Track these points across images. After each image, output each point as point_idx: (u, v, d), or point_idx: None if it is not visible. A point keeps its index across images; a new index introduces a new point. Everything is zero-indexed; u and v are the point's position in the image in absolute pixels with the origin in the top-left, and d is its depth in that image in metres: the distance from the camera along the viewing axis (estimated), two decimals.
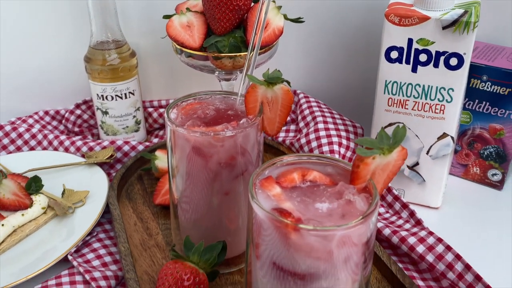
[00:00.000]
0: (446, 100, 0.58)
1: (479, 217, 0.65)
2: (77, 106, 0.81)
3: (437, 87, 0.58)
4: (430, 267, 0.53)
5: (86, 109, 0.81)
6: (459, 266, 0.51)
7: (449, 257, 0.52)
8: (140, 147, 0.73)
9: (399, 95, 0.60)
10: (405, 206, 0.62)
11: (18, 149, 0.76)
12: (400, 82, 0.59)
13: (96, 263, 0.55)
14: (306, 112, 0.73)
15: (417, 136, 0.62)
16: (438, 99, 0.58)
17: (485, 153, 0.69)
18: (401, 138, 0.36)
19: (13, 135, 0.76)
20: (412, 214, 0.61)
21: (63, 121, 0.80)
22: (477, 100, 0.66)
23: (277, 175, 0.38)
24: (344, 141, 0.68)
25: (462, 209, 0.66)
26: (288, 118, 0.78)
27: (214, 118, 0.48)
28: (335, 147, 0.66)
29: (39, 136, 0.76)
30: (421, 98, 0.59)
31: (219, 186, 0.48)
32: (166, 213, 0.62)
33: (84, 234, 0.57)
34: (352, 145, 0.69)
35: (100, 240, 0.59)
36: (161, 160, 0.67)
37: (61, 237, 0.59)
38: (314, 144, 0.67)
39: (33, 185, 0.63)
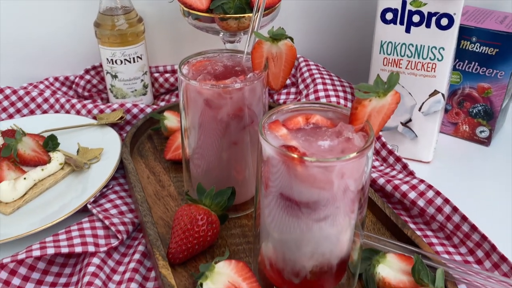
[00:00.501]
0: (437, 59, 0.62)
1: (468, 171, 0.70)
2: (86, 71, 0.84)
3: (429, 47, 0.62)
4: (421, 212, 0.58)
5: (95, 74, 0.85)
6: (447, 209, 0.56)
7: (439, 201, 0.57)
8: (148, 110, 0.77)
9: (393, 55, 0.64)
10: (398, 159, 0.67)
11: (32, 112, 0.80)
12: (395, 42, 0.63)
13: (113, 211, 0.60)
14: (306, 75, 0.77)
15: (410, 94, 0.66)
16: (430, 58, 0.63)
17: (474, 111, 0.73)
18: (394, 83, 0.40)
19: (27, 99, 0.79)
20: (405, 166, 0.66)
21: (73, 86, 0.84)
22: (466, 61, 0.70)
23: (283, 120, 0.42)
24: (342, 101, 0.72)
25: (452, 164, 0.71)
26: (288, 81, 0.82)
27: (223, 73, 0.52)
28: (333, 100, 0.70)
29: (51, 100, 0.79)
30: (414, 57, 0.63)
31: (228, 136, 0.52)
32: (176, 168, 0.66)
33: (101, 185, 0.61)
34: (349, 104, 0.73)
35: (116, 192, 0.64)
36: (169, 120, 0.72)
37: (79, 190, 0.63)
38: (312, 97, 0.72)
39: (50, 143, 0.67)
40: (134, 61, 0.76)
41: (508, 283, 0.46)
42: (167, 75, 0.84)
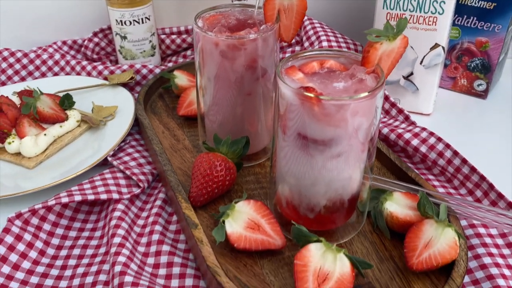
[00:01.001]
0: (438, 12, 0.65)
1: (466, 123, 0.73)
2: (95, 34, 0.86)
3: (430, 0, 0.64)
4: (423, 158, 0.62)
5: (103, 37, 0.87)
6: (448, 153, 0.60)
7: (440, 146, 0.60)
8: (157, 70, 0.80)
9: (396, 10, 0.67)
10: (400, 111, 0.70)
11: (43, 75, 0.82)
12: None
13: (132, 163, 0.63)
14: (311, 32, 0.79)
15: (412, 47, 0.69)
16: (431, 12, 0.65)
17: (472, 65, 0.76)
18: (403, 27, 0.43)
19: (38, 62, 0.81)
20: (407, 117, 0.69)
21: (82, 48, 0.86)
22: (465, 16, 0.73)
23: (299, 65, 0.45)
24: None
25: (451, 116, 0.75)
26: (293, 40, 0.84)
27: (236, 26, 0.54)
28: (334, 44, 0.73)
29: (62, 63, 0.81)
30: (416, 11, 0.66)
31: (243, 87, 0.55)
32: (189, 123, 0.69)
33: (120, 138, 0.64)
34: (349, 41, 0.76)
35: (133, 146, 0.67)
36: (180, 78, 0.74)
37: (96, 146, 0.66)
38: (313, 37, 0.74)
39: (65, 102, 0.70)
40: (142, 22, 0.78)
41: (506, 215, 0.50)
42: (173, 36, 0.86)
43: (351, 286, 0.43)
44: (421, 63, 0.70)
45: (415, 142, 0.62)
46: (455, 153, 0.59)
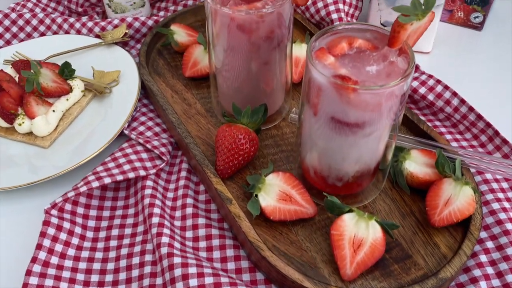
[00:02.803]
0: None
1: (464, 56, 0.75)
2: None
3: None
4: (430, 104, 0.64)
5: None
6: (455, 101, 0.62)
7: (447, 94, 0.63)
8: (150, 22, 0.76)
9: None
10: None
11: (29, 36, 0.77)
12: None
13: (148, 133, 0.63)
14: None
15: None
16: None
17: None
18: (432, 4, 0.42)
19: (21, 22, 0.76)
20: None
21: (66, 2, 0.80)
22: None
23: (327, 45, 0.45)
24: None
25: (449, 51, 0.76)
26: None
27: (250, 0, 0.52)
28: (340, 6, 0.72)
29: (47, 21, 0.77)
30: None
31: (259, 57, 0.55)
32: (196, 84, 0.69)
33: (131, 110, 0.63)
34: (354, 1, 0.74)
35: (144, 114, 0.66)
36: (178, 34, 0.72)
37: (107, 116, 0.65)
38: (320, 4, 0.73)
39: (65, 71, 0.67)
40: None
41: None
42: None
43: (383, 248, 0.47)
44: None
45: (422, 90, 0.64)
46: (462, 101, 0.62)
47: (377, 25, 0.47)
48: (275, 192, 0.52)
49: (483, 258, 0.49)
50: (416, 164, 0.54)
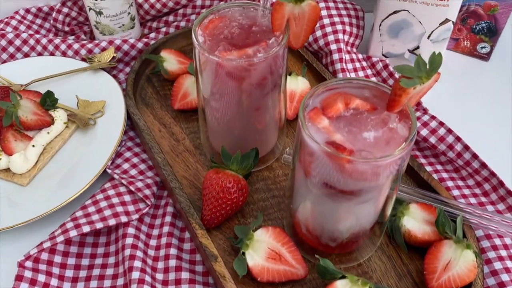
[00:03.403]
0: None
1: (469, 89, 0.71)
2: (63, 3, 0.76)
3: None
4: (432, 148, 0.61)
5: (72, 5, 0.77)
6: (458, 147, 0.59)
7: (450, 139, 0.59)
8: (140, 45, 0.72)
9: None
10: None
11: (12, 57, 0.73)
12: None
13: (133, 172, 0.60)
14: None
15: (420, 22, 0.64)
16: None
17: (477, 28, 0.72)
18: (438, 65, 0.39)
19: (3, 42, 0.73)
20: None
21: (51, 21, 0.76)
22: None
23: (322, 104, 0.41)
24: (348, 28, 0.69)
25: (454, 83, 0.72)
26: None
27: (241, 38, 0.48)
28: (340, 36, 0.68)
29: (31, 41, 0.73)
30: None
31: (250, 103, 0.51)
32: (186, 117, 0.65)
33: (115, 146, 0.60)
34: (355, 30, 0.70)
35: (130, 148, 0.63)
36: (168, 61, 0.68)
37: (90, 150, 0.61)
38: (318, 33, 0.69)
39: (47, 100, 0.64)
40: None
41: None
42: (152, 0, 0.77)
43: None
44: (428, 37, 0.65)
45: (424, 132, 0.61)
46: (466, 147, 0.58)
47: (376, 82, 0.43)
48: (264, 250, 0.48)
49: None
50: (415, 221, 0.51)
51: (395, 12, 0.64)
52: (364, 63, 0.70)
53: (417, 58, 0.39)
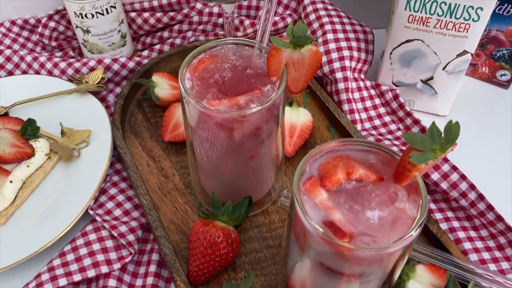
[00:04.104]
0: (473, 19, 0.53)
1: (486, 120, 0.66)
2: (50, 17, 0.71)
3: (464, 6, 0.52)
4: (443, 193, 0.56)
5: (59, 19, 0.72)
6: (472, 195, 0.54)
7: (464, 186, 0.54)
8: (131, 64, 0.67)
9: (421, 12, 0.55)
10: (416, 122, 0.62)
11: None
12: (424, 0, 0.53)
13: (117, 212, 0.55)
14: (312, 17, 0.66)
15: (435, 53, 0.58)
16: (464, 18, 0.54)
17: (498, 55, 0.66)
18: (455, 136, 0.34)
19: None
20: (423, 130, 0.61)
21: (37, 36, 0.71)
22: (498, 2, 0.61)
23: (320, 172, 0.36)
24: (356, 54, 0.64)
25: (469, 113, 0.67)
26: (291, 20, 0.71)
27: (233, 82, 0.43)
28: (347, 63, 0.62)
29: (15, 58, 0.68)
30: (445, 16, 0.54)
31: (243, 152, 0.46)
32: (177, 149, 0.60)
33: (98, 183, 0.55)
34: (363, 56, 0.65)
35: (115, 184, 0.58)
36: (160, 87, 0.63)
37: (72, 186, 0.57)
38: (323, 59, 0.63)
39: (28, 129, 0.59)
40: (107, 12, 0.63)
41: None
42: (145, 15, 0.72)
43: None
44: (443, 68, 0.60)
45: (435, 176, 0.55)
46: (481, 196, 0.53)
47: (382, 146, 0.38)
48: None
49: None
50: (422, 286, 0.46)
51: (408, 41, 0.58)
52: (373, 91, 0.65)
53: (430, 126, 0.34)
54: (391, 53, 0.60)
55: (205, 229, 0.48)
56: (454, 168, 0.55)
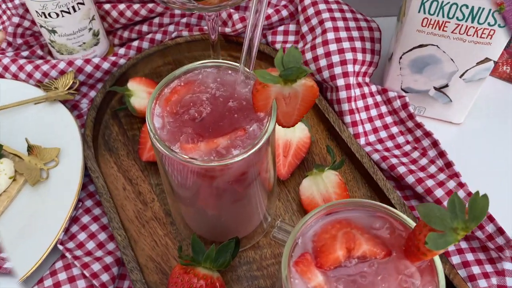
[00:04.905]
0: (498, 25, 0.45)
1: (506, 119, 0.59)
2: (13, 9, 0.62)
3: (489, 10, 0.44)
4: None
5: (24, 12, 0.63)
6: (490, 228, 0.47)
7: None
8: (106, 65, 0.60)
9: (438, 16, 0.47)
10: (427, 134, 0.55)
11: None
12: (442, 2, 0.45)
13: (90, 245, 0.50)
14: (311, 11, 0.58)
15: (452, 60, 0.50)
16: (488, 23, 0.45)
17: None
18: (481, 213, 0.27)
19: None
20: (435, 144, 0.54)
21: (0, 34, 0.63)
22: None
23: (315, 246, 0.30)
24: (360, 56, 0.56)
25: (487, 111, 0.59)
26: (286, 13, 0.62)
27: (213, 119, 0.36)
28: (349, 67, 0.54)
29: None
30: (466, 21, 0.46)
31: (228, 196, 0.39)
32: (156, 170, 0.54)
33: (69, 212, 0.49)
34: (368, 57, 0.57)
35: (88, 210, 0.52)
36: (136, 96, 0.55)
37: (41, 212, 0.50)
38: (323, 62, 0.55)
39: None
40: (74, 10, 0.55)
41: None
42: (121, 7, 0.63)
43: None
44: (461, 76, 0.52)
45: (438, 193, 0.49)
46: (500, 230, 0.47)
47: (391, 208, 0.31)
48: None
49: None
50: None
51: (420, 46, 0.50)
52: (379, 98, 0.57)
53: (452, 198, 0.27)
54: (400, 58, 0.52)
55: (185, 278, 0.42)
56: (461, 185, 0.49)
